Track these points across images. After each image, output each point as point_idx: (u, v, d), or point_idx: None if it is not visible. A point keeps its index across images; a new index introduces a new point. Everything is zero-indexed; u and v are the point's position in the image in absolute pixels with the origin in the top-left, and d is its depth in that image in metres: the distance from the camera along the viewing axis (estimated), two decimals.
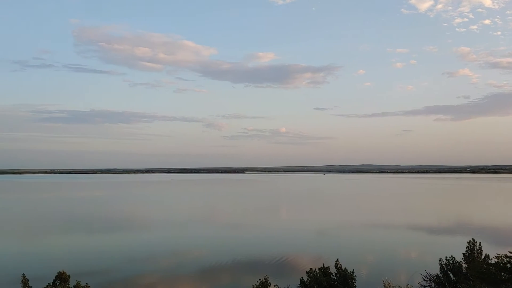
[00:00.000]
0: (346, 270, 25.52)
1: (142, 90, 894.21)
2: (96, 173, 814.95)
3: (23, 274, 23.36)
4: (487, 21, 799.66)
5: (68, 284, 23.51)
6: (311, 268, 25.67)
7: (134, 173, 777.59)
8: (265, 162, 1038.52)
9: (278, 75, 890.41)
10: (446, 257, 28.89)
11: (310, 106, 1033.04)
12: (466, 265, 28.53)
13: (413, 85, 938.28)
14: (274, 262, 47.23)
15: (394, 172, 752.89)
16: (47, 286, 23.17)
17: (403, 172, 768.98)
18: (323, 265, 25.97)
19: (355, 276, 25.73)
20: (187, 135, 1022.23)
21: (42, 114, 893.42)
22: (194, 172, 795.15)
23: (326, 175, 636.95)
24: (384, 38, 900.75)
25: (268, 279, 23.53)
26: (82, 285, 23.30)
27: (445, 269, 28.46)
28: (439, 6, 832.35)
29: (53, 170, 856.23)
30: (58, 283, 23.26)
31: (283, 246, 57.18)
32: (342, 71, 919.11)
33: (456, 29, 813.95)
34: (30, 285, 23.06)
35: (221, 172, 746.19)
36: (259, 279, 23.67)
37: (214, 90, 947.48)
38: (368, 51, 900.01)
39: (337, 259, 26.11)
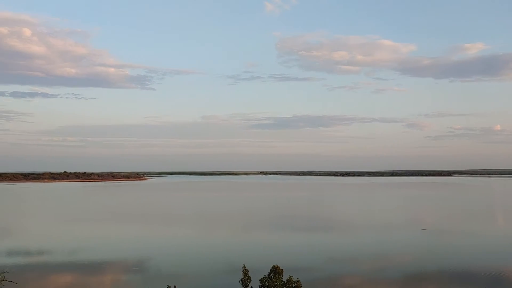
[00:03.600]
0: None
1: (340, 93, 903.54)
2: (299, 174, 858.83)
3: (244, 264, 26.64)
4: None
5: (282, 278, 26.00)
6: None
7: (335, 175, 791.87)
8: (476, 164, 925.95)
9: (489, 66, 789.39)
10: None
11: None
12: None
13: None
14: (488, 274, 43.18)
15: None
16: (263, 277, 26.07)
17: None
18: None
19: None
20: (387, 136, 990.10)
21: (252, 122, 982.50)
22: (395, 175, 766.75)
23: None
24: None
25: None
26: (294, 280, 25.55)
27: None
28: None
29: (262, 172, 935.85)
30: (273, 276, 26.00)
31: (500, 257, 51.66)
32: None
33: None
34: (249, 275, 26.25)
35: (425, 175, 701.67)
36: None
37: (415, 88, 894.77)
38: None
39: None
